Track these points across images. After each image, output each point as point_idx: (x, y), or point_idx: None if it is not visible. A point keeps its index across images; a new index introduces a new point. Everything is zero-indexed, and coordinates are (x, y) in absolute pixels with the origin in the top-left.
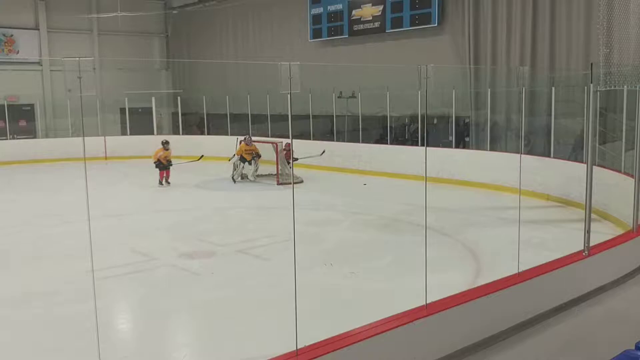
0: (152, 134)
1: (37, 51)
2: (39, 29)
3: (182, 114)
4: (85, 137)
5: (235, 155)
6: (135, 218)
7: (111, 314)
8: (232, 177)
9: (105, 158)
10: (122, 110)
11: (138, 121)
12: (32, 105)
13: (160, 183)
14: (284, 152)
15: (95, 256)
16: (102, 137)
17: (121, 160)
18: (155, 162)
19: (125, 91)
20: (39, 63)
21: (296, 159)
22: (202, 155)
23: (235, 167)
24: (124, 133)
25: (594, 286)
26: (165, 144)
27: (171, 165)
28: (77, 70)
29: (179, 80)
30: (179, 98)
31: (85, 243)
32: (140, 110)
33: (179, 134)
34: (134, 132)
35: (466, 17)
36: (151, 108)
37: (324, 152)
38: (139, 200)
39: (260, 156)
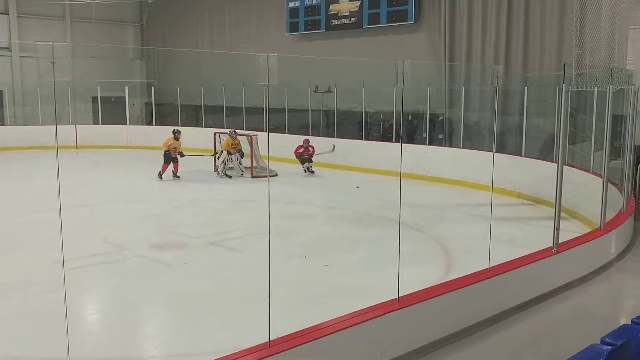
0: (125, 123)
1: (6, 36)
2: (8, 14)
3: (155, 105)
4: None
5: (223, 151)
6: (107, 208)
7: (82, 304)
8: (225, 173)
9: (77, 147)
10: (94, 99)
11: (110, 110)
12: (0, 92)
13: (160, 177)
14: (302, 149)
15: (67, 246)
16: (73, 126)
17: (92, 149)
18: (165, 152)
19: (97, 80)
20: (8, 48)
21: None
22: (218, 152)
23: (225, 163)
24: (95, 122)
25: (562, 282)
26: (177, 133)
27: (182, 156)
28: (51, 56)
29: (153, 70)
30: (152, 88)
31: (56, 233)
32: (112, 99)
33: (152, 124)
34: (106, 122)
35: (442, 16)
36: (124, 97)
37: (334, 147)
38: (111, 190)
39: (243, 154)
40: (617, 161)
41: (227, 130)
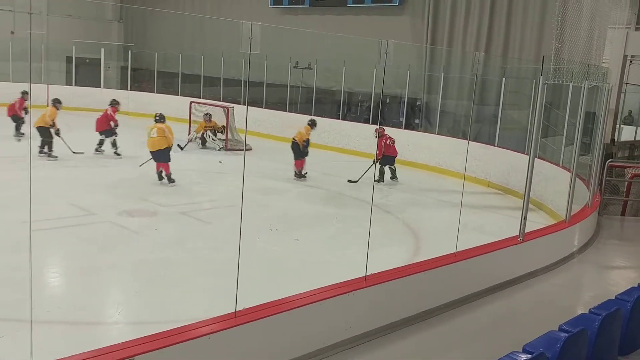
0: (99, 86)
1: None
2: None
3: (132, 69)
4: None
5: (195, 133)
6: (76, 172)
7: (46, 266)
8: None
9: (48, 107)
10: (69, 59)
11: (85, 72)
12: None
13: (299, 176)
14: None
15: (33, 208)
16: (45, 85)
17: (65, 110)
18: (299, 142)
19: (73, 39)
20: None
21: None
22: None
23: (193, 138)
24: (69, 83)
25: (526, 270)
26: (312, 124)
27: (306, 154)
28: (27, 9)
29: (132, 33)
30: (130, 52)
31: (21, 193)
32: (87, 60)
33: (127, 89)
34: (80, 83)
35: (427, 0)
36: (100, 59)
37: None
38: (81, 154)
39: (223, 129)
40: (586, 157)
41: (203, 101)
